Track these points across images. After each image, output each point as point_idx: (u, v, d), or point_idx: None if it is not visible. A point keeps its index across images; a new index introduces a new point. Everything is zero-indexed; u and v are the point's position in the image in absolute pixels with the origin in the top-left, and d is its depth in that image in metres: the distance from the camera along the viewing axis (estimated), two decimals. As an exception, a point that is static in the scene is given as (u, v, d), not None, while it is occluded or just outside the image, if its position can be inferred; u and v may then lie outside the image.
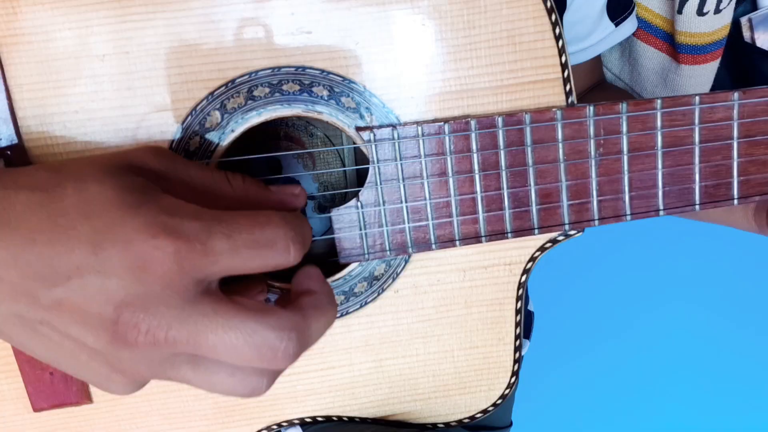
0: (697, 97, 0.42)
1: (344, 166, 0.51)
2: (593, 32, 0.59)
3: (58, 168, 0.33)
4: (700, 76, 0.61)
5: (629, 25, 0.61)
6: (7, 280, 0.30)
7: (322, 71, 0.40)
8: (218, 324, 0.31)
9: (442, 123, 0.41)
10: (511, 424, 0.68)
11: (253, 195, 0.37)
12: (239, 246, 0.31)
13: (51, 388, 0.44)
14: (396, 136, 0.41)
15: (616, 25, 0.60)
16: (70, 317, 0.30)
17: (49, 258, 0.30)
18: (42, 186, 0.31)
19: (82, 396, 0.44)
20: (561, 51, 0.41)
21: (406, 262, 0.44)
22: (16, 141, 0.40)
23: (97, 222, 0.30)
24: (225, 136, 0.41)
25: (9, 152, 0.39)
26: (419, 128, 0.41)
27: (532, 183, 0.43)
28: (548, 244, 0.45)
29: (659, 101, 0.42)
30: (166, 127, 0.40)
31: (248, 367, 0.32)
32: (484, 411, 0.48)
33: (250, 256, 0.32)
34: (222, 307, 0.31)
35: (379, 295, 0.45)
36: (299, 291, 0.36)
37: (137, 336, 0.30)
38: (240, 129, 0.41)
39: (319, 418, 0.47)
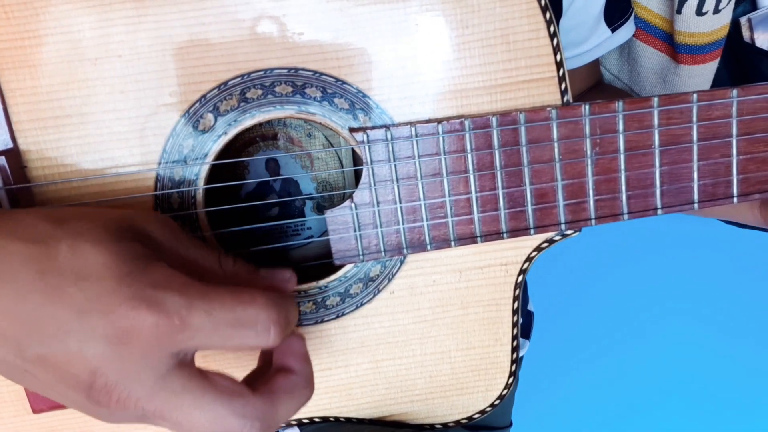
0: (695, 95, 0.42)
1: (342, 166, 0.51)
2: (590, 37, 0.59)
3: (58, 220, 0.33)
4: (700, 76, 0.61)
5: (626, 31, 0.61)
6: (0, 328, 0.31)
7: (315, 72, 0.40)
8: (185, 403, 0.32)
9: (436, 123, 0.41)
10: (511, 424, 0.68)
11: (243, 279, 0.37)
12: (218, 324, 0.32)
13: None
14: (389, 137, 0.41)
15: (613, 30, 0.60)
16: (52, 373, 0.32)
17: (38, 317, 0.31)
18: (38, 239, 0.32)
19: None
20: (556, 49, 0.41)
21: (402, 263, 0.44)
22: (11, 145, 0.40)
23: (86, 287, 0.31)
24: (219, 139, 0.41)
25: (4, 156, 0.39)
26: (413, 129, 0.41)
27: (527, 183, 0.42)
28: (545, 244, 0.44)
29: (656, 99, 0.42)
30: (159, 130, 0.40)
31: None
32: (482, 412, 0.48)
33: (229, 335, 0.32)
34: (192, 385, 0.32)
35: (375, 296, 0.45)
36: (278, 366, 0.36)
37: (109, 401, 0.32)
38: (233, 131, 0.41)
39: (317, 419, 0.47)
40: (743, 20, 0.61)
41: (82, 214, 0.34)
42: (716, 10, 0.57)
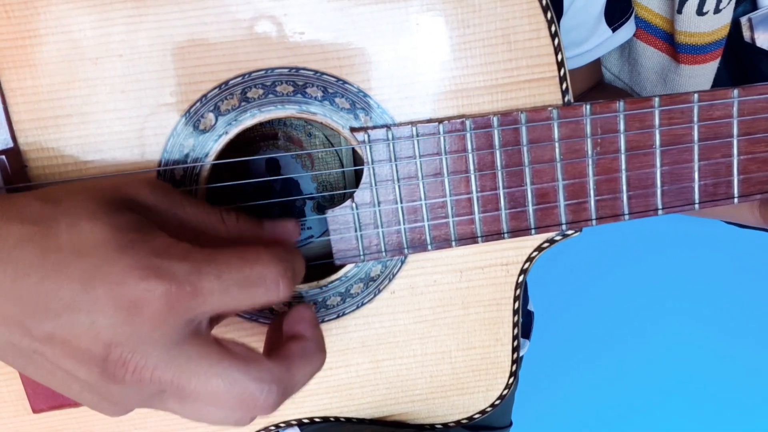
0: (696, 95, 0.42)
1: (343, 166, 0.51)
2: (590, 37, 0.59)
3: (54, 199, 0.33)
4: (700, 76, 0.61)
5: (626, 31, 0.61)
6: (1, 310, 0.31)
7: (316, 72, 0.40)
8: (202, 369, 0.32)
9: (437, 123, 0.41)
10: (511, 424, 0.68)
11: (247, 233, 0.37)
12: (229, 285, 0.32)
13: (50, 389, 0.44)
14: (390, 136, 0.41)
15: (614, 30, 0.60)
16: (62, 351, 0.31)
17: (41, 294, 0.31)
18: (35, 219, 0.32)
19: (80, 398, 0.44)
20: (557, 49, 0.41)
21: (403, 262, 0.44)
22: (11, 145, 0.40)
23: (88, 261, 0.31)
24: (219, 138, 0.41)
25: (4, 156, 0.39)
26: (414, 128, 0.41)
27: (528, 183, 0.42)
28: (545, 244, 0.44)
29: (657, 99, 0.42)
30: (159, 130, 0.40)
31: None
32: (483, 411, 0.48)
33: (240, 295, 0.32)
34: (208, 352, 0.32)
35: (375, 296, 0.45)
36: (289, 334, 0.36)
37: (125, 374, 0.31)
38: (234, 131, 0.41)
39: (317, 419, 0.47)
40: (744, 20, 0.61)
41: (74, 190, 0.34)
42: (717, 10, 0.57)
